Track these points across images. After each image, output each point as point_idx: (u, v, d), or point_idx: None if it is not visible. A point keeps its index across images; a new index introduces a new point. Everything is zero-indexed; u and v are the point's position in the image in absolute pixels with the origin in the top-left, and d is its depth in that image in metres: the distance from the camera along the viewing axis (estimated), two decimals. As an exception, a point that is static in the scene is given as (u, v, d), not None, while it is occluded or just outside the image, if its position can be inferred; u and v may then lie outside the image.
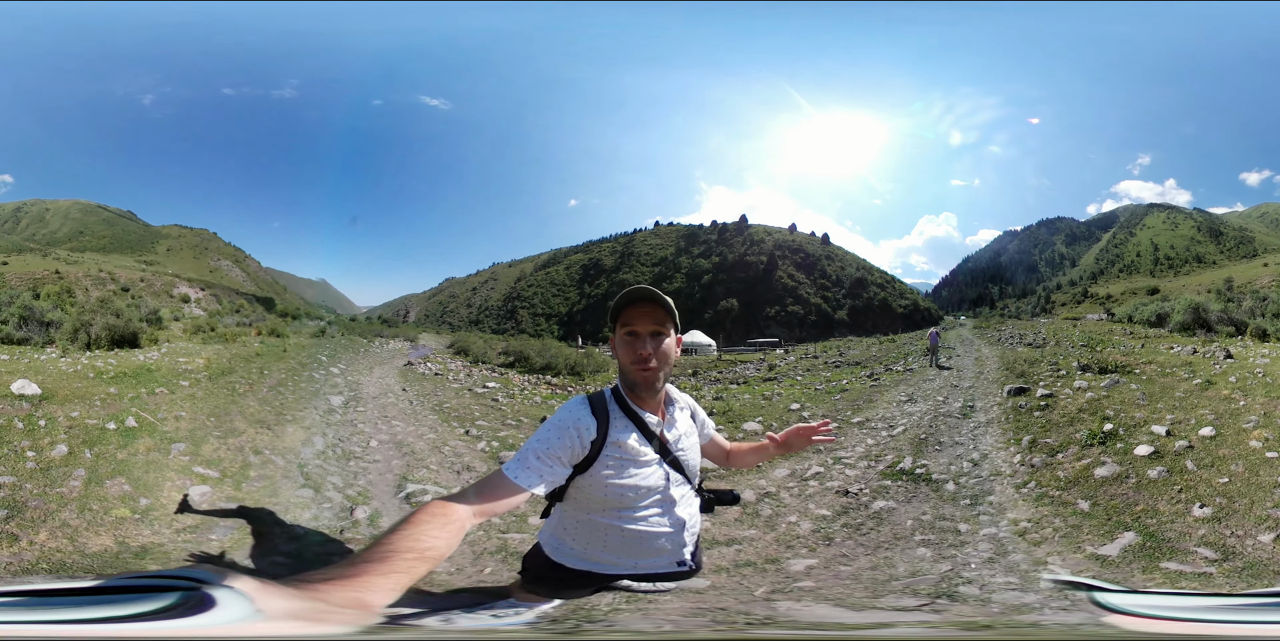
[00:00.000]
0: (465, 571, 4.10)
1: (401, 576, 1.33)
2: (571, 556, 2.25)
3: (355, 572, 1.30)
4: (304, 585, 1.21)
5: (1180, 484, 4.64)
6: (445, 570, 4.04)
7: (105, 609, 1.22)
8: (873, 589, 3.82)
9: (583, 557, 2.23)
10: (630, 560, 2.21)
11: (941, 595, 3.58)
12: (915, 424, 8.39)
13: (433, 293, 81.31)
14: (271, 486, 5.29)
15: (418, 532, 1.51)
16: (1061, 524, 4.54)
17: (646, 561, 2.23)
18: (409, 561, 1.39)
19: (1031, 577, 3.75)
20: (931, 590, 3.69)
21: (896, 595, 3.65)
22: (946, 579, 3.86)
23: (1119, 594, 1.39)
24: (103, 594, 1.32)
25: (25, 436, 5.12)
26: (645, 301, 2.12)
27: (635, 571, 2.25)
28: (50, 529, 3.91)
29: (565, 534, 2.26)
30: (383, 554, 1.39)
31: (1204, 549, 3.74)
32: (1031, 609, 3.26)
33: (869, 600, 3.56)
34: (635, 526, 2.14)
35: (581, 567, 2.23)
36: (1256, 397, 6.17)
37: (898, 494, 5.69)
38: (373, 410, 9.26)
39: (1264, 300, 15.91)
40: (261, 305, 34.65)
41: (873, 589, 3.82)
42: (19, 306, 12.91)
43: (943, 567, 4.08)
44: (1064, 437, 6.28)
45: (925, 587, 3.75)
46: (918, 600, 3.52)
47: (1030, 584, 3.65)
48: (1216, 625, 1.28)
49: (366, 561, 1.35)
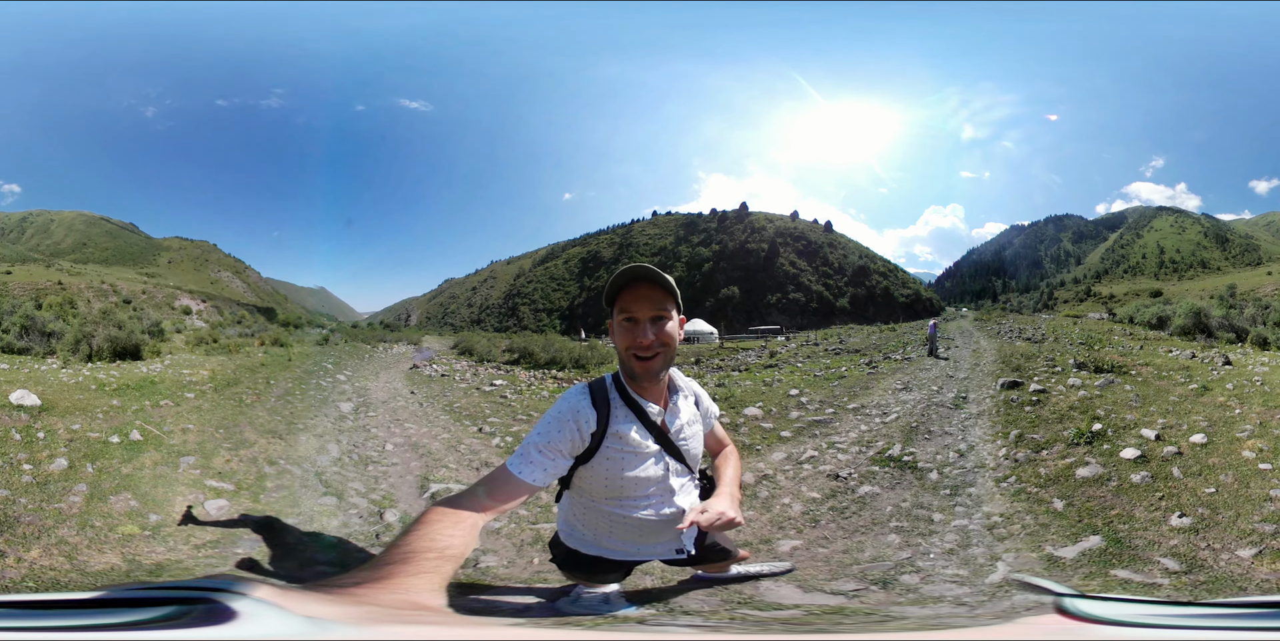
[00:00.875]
0: (517, 564, 4.08)
1: (432, 576, 1.30)
2: (584, 542, 2.27)
3: (384, 575, 1.27)
4: (335, 591, 1.17)
5: (1163, 491, 4.56)
6: (499, 565, 4.05)
7: (106, 617, 1.12)
8: (834, 572, 3.83)
9: (593, 543, 2.25)
10: (634, 546, 2.23)
11: (879, 581, 3.62)
12: (908, 412, 8.40)
13: (433, 294, 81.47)
14: (291, 496, 5.19)
15: (432, 532, 1.48)
16: (1031, 521, 4.49)
17: (648, 548, 2.25)
18: (432, 561, 1.36)
19: (982, 572, 3.73)
20: (879, 576, 3.71)
21: (844, 579, 3.68)
22: (898, 566, 3.87)
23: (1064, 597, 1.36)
24: (109, 606, 1.19)
25: (22, 448, 4.95)
26: (643, 281, 1.97)
27: (640, 557, 2.30)
28: (45, 546, 3.71)
29: (575, 520, 2.28)
30: (403, 555, 1.36)
31: (1168, 559, 3.66)
32: (960, 602, 3.30)
33: (824, 582, 3.60)
34: (636, 515, 2.12)
35: (594, 552, 2.26)
36: (1253, 406, 6.07)
37: (883, 480, 5.71)
38: (384, 414, 9.27)
39: (1266, 308, 15.85)
40: (263, 315, 34.69)
41: (834, 572, 3.83)
42: (21, 316, 12.83)
43: (903, 555, 4.11)
44: (1051, 434, 6.25)
45: (875, 573, 3.76)
46: (858, 584, 3.56)
47: (976, 579, 3.64)
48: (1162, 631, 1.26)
49: (390, 564, 1.32)
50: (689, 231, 67.61)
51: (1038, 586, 1.75)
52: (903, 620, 1.99)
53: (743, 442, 7.16)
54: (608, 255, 68.79)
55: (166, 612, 1.07)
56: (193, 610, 1.06)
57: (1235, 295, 25.93)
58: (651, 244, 68.19)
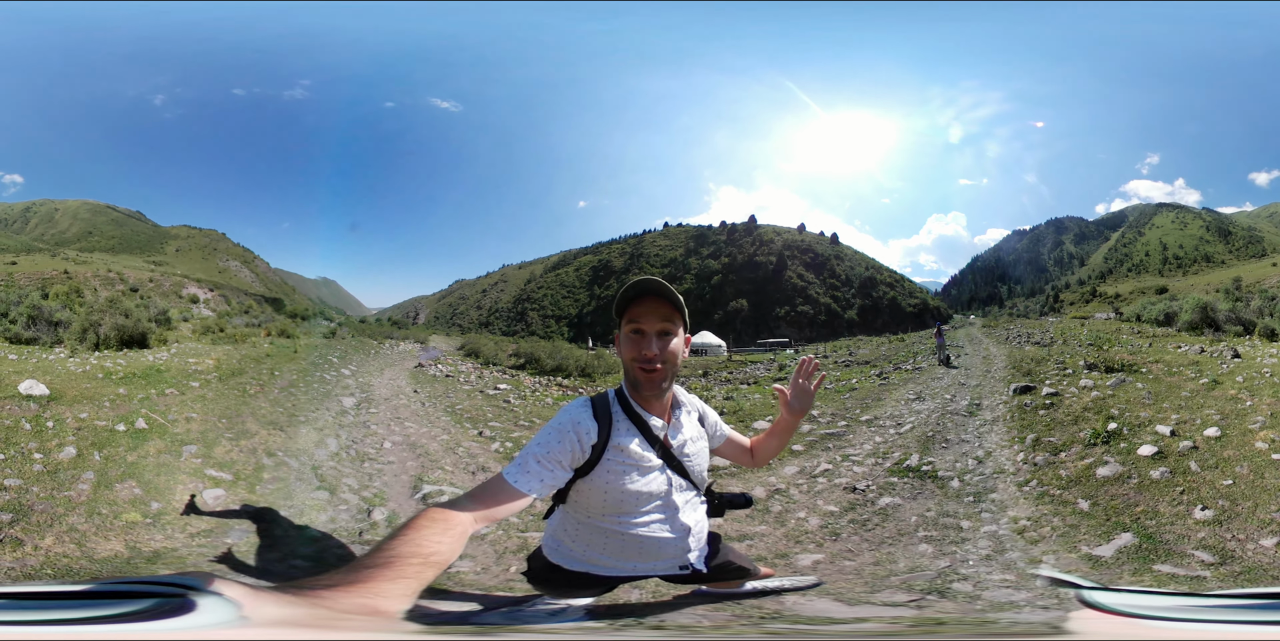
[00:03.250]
0: (491, 570, 4.10)
1: (410, 582, 1.29)
2: (569, 558, 2.23)
3: (361, 578, 1.26)
4: (304, 592, 1.18)
5: (1183, 485, 4.62)
6: (471, 570, 4.06)
7: (75, 611, 1.18)
8: (872, 584, 3.86)
9: (581, 560, 2.21)
10: (629, 563, 2.18)
11: (933, 591, 3.64)
12: (923, 422, 8.42)
13: (442, 294, 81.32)
14: (286, 489, 5.24)
15: (420, 538, 1.47)
16: (1060, 523, 4.55)
17: (645, 565, 2.20)
18: (415, 566, 1.35)
19: (1026, 575, 3.78)
20: (926, 585, 3.73)
21: (892, 590, 3.70)
22: (943, 575, 3.90)
23: (1110, 592, 1.41)
24: (91, 598, 1.27)
25: (33, 438, 5.03)
26: (652, 295, 2.02)
27: (633, 574, 2.24)
28: (57, 533, 3.81)
29: (565, 536, 2.24)
30: (387, 559, 1.35)
31: (1202, 552, 3.73)
32: (1018, 606, 3.34)
33: (866, 595, 3.63)
34: (636, 531, 2.10)
35: (578, 569, 2.22)
36: (1264, 398, 6.12)
37: (903, 490, 5.74)
38: (385, 412, 9.26)
39: (1272, 300, 15.80)
40: (270, 306, 34.58)
41: (872, 584, 3.86)
42: (28, 306, 12.84)
43: (941, 564, 4.13)
44: (1068, 436, 6.30)
45: (920, 583, 3.78)
46: (909, 595, 3.59)
47: (1023, 582, 3.68)
48: (1208, 625, 1.27)
49: (370, 567, 1.31)
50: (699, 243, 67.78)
51: (1082, 585, 1.78)
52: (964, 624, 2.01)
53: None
54: (618, 265, 68.91)
55: (134, 608, 1.15)
56: (157, 605, 1.14)
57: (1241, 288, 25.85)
58: (662, 255, 68.35)
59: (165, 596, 1.17)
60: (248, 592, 1.14)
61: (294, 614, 1.10)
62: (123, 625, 1.12)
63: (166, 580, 1.27)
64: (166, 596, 1.17)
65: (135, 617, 1.13)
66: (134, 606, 1.16)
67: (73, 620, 1.15)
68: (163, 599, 1.16)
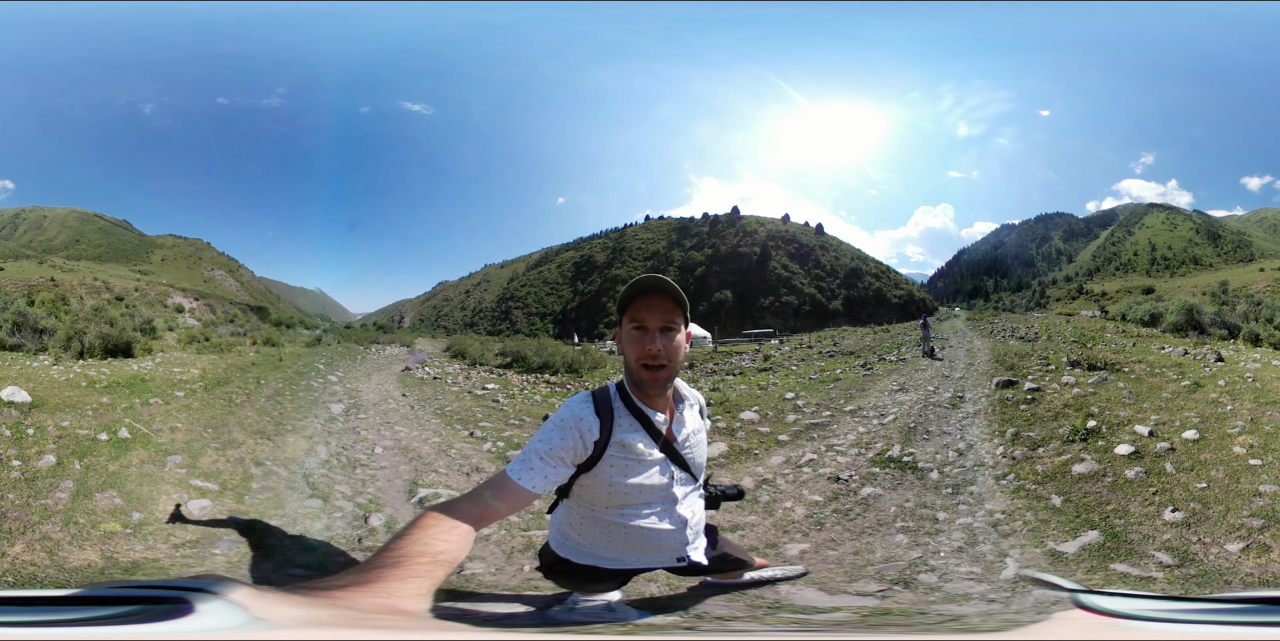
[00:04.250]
0: (506, 571, 4.08)
1: (423, 581, 1.29)
2: (577, 551, 2.25)
3: (373, 578, 1.25)
4: (316, 593, 1.17)
5: (1156, 486, 4.66)
6: (485, 571, 4.05)
7: (72, 613, 1.16)
8: (851, 574, 3.90)
9: (588, 552, 2.23)
10: (632, 556, 2.21)
11: (900, 581, 3.69)
12: (905, 413, 8.50)
13: (426, 297, 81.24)
14: (276, 498, 5.17)
15: (426, 537, 1.46)
16: (1032, 517, 4.59)
17: (647, 557, 2.23)
18: (425, 566, 1.34)
19: (994, 569, 3.82)
20: (896, 576, 3.78)
21: (866, 580, 3.75)
22: (913, 565, 3.95)
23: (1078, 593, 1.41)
24: (86, 603, 1.24)
25: (12, 445, 4.94)
26: (656, 292, 2.01)
27: (637, 566, 2.27)
28: (28, 541, 3.73)
29: (571, 529, 2.26)
30: (395, 559, 1.34)
31: (1162, 553, 3.75)
32: (974, 599, 3.39)
33: (844, 584, 3.67)
34: (637, 524, 2.12)
35: (587, 562, 2.24)
36: (1244, 402, 6.16)
37: (885, 481, 5.79)
38: (374, 417, 9.23)
39: (1258, 305, 15.98)
40: (256, 314, 34.44)
41: (851, 574, 3.90)
42: (13, 312, 12.80)
43: (914, 554, 4.18)
44: (1047, 432, 6.36)
45: (891, 573, 3.83)
46: (879, 585, 3.64)
47: (989, 575, 3.72)
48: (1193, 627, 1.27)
49: (380, 568, 1.30)
50: (681, 235, 67.77)
51: (1051, 583, 1.79)
52: (949, 621, 2.03)
53: (740, 447, 7.24)
54: (600, 259, 68.88)
55: (134, 610, 1.13)
56: (157, 609, 1.11)
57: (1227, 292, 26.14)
58: (644, 248, 68.31)
59: (163, 601, 1.15)
60: (252, 594, 1.13)
61: (314, 614, 1.09)
62: (123, 626, 1.10)
63: (165, 583, 1.26)
64: (164, 601, 1.14)
65: (132, 619, 1.11)
66: (129, 609, 1.14)
67: (70, 622, 1.13)
68: (159, 603, 1.14)
